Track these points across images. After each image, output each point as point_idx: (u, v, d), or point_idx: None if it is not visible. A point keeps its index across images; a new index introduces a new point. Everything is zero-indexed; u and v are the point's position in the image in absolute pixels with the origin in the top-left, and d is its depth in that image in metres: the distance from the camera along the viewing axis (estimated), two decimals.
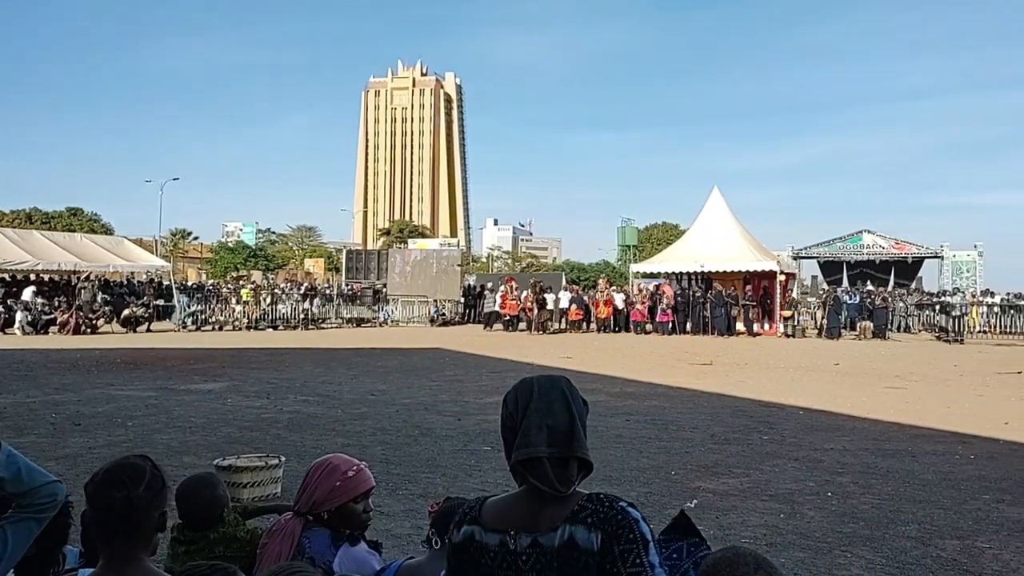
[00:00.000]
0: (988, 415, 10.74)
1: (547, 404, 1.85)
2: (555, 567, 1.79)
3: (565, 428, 1.82)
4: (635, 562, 1.75)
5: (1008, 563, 4.91)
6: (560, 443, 1.81)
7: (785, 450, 8.33)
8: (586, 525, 1.78)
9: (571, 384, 1.92)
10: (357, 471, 2.74)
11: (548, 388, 1.89)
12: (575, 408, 1.87)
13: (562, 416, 1.84)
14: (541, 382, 1.91)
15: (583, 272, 74.50)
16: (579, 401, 1.90)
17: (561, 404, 1.86)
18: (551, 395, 1.87)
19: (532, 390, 1.89)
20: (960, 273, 56.60)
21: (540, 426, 1.82)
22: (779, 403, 11.69)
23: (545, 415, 1.83)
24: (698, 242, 31.13)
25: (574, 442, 1.82)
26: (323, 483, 2.69)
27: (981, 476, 7.23)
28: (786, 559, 4.95)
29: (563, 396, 1.87)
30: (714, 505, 6.21)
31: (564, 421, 1.83)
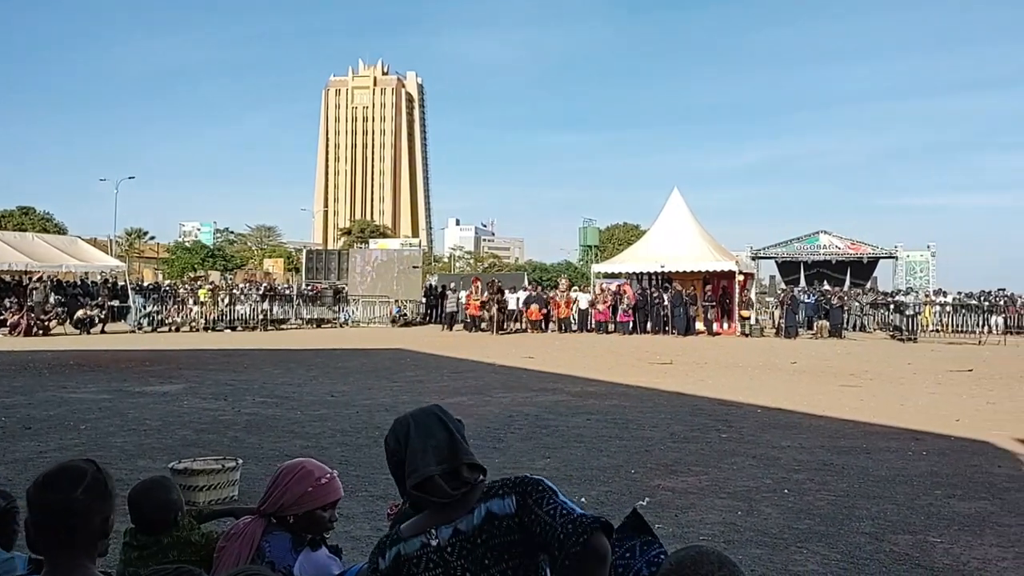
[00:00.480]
0: (940, 412, 10.97)
1: (426, 428, 1.98)
2: (480, 544, 1.91)
3: (447, 443, 1.96)
4: (549, 501, 1.89)
5: (959, 557, 5.02)
6: (446, 458, 1.94)
7: (743, 448, 8.42)
8: (499, 496, 1.93)
9: (443, 409, 2.07)
10: (330, 479, 2.71)
11: (423, 416, 2.03)
12: (451, 425, 2.00)
13: (441, 434, 1.97)
14: (415, 414, 2.06)
15: (545, 272, 74.64)
16: (454, 420, 2.04)
17: (438, 425, 1.99)
18: (427, 420, 2.01)
19: (408, 423, 2.02)
20: (914, 273, 57.79)
21: (424, 449, 1.95)
22: (737, 402, 11.82)
23: (426, 438, 1.96)
24: (658, 242, 31.37)
25: (459, 452, 1.96)
26: (294, 487, 2.65)
27: (933, 472, 7.37)
28: (744, 556, 5.00)
29: (438, 419, 2.01)
30: (673, 503, 6.26)
31: (444, 438, 1.96)
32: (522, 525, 1.88)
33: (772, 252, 56.88)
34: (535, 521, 1.87)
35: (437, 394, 12.34)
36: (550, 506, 1.88)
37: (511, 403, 11.48)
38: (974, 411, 11.16)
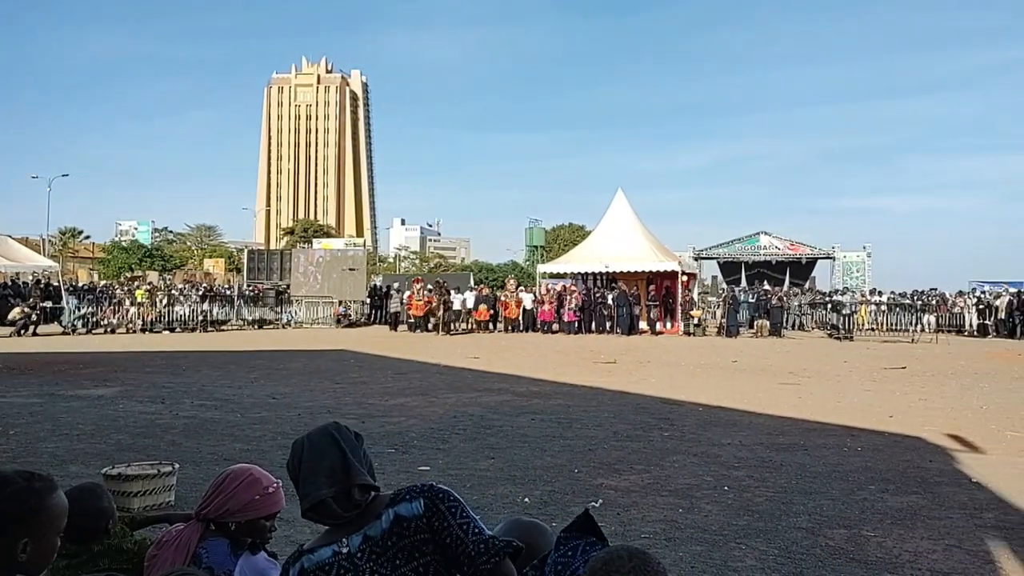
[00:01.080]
0: (875, 409, 11.26)
1: (319, 450, 1.99)
2: (391, 546, 1.96)
3: (340, 465, 1.96)
4: (462, 514, 1.99)
5: (891, 550, 5.15)
6: (339, 480, 1.95)
7: (685, 446, 8.53)
8: (407, 500, 2.00)
9: (340, 427, 2.06)
10: (276, 489, 2.66)
11: (317, 437, 2.03)
12: (345, 445, 2.01)
13: (333, 455, 1.97)
14: (311, 435, 2.05)
15: (491, 272, 74.62)
16: (350, 438, 2.05)
17: (331, 446, 1.99)
18: (321, 442, 2.01)
19: (303, 445, 2.03)
20: (850, 273, 59.22)
21: (315, 472, 1.96)
22: (680, 400, 11.98)
23: (319, 460, 1.97)
24: (603, 243, 31.64)
25: (351, 473, 1.97)
26: (242, 494, 2.59)
27: (867, 467, 7.56)
28: (684, 553, 5.06)
29: (332, 439, 2.01)
30: (616, 502, 6.30)
31: (337, 459, 1.97)
32: (431, 528, 1.98)
33: (714, 253, 57.85)
34: (446, 530, 1.97)
35: (380, 395, 12.24)
36: (463, 520, 1.99)
37: (456, 404, 11.45)
38: (907, 408, 11.48)
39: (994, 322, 31.96)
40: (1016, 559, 5.00)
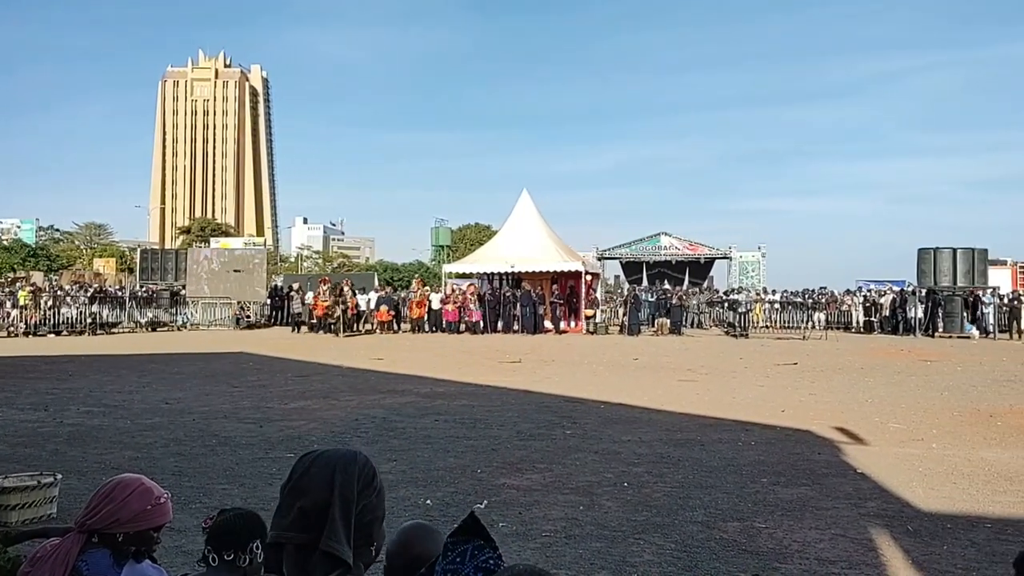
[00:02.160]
0: (768, 404, 11.66)
1: (307, 483, 1.57)
2: None
3: (318, 510, 1.54)
4: None
5: (781, 540, 5.33)
6: (308, 528, 1.53)
7: (586, 444, 8.64)
8: None
9: (352, 465, 1.59)
10: (166, 500, 2.54)
11: (320, 468, 1.59)
12: (339, 493, 1.55)
13: (320, 495, 1.55)
14: (319, 457, 1.62)
15: (397, 272, 74.01)
16: (350, 486, 1.57)
17: (323, 484, 1.56)
18: (317, 473, 1.58)
19: (308, 465, 1.61)
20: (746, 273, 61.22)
21: (291, 506, 1.56)
22: (582, 398, 12.12)
23: (301, 493, 1.56)
24: (508, 243, 31.77)
25: (326, 530, 1.52)
26: (134, 503, 2.45)
27: (760, 461, 7.82)
28: (584, 550, 5.12)
29: (329, 477, 1.57)
30: (517, 501, 6.32)
31: (320, 501, 1.54)
32: None
33: (617, 253, 58.87)
34: None
35: (280, 399, 11.95)
36: None
37: (358, 406, 11.28)
38: (798, 402, 11.93)
39: (879, 319, 33.59)
40: (896, 545, 5.25)
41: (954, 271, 30.14)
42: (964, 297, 29.89)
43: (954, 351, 22.47)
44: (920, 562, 4.93)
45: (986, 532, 5.55)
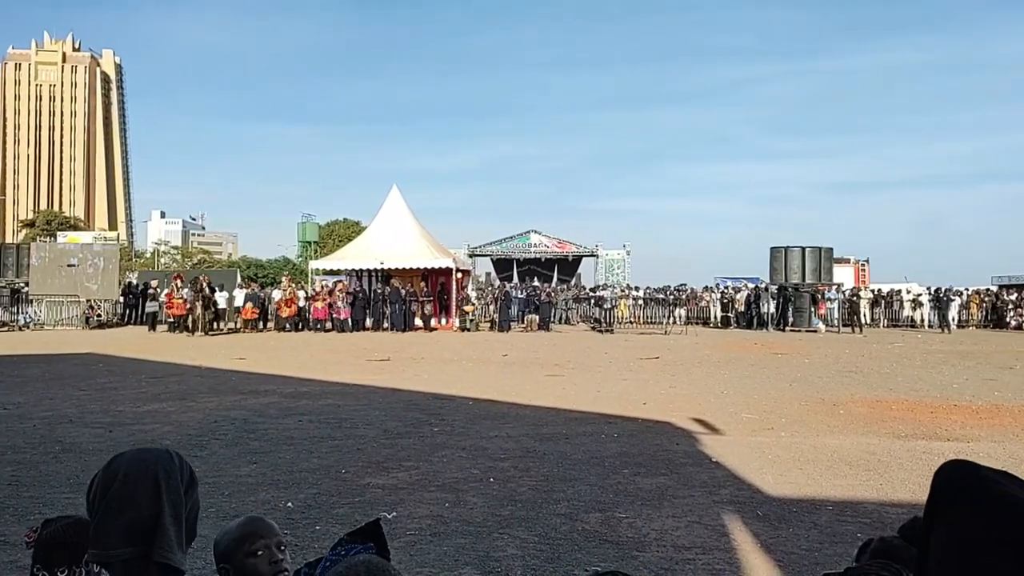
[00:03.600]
0: (631, 397, 12.00)
1: (132, 491, 1.47)
2: None
3: (149, 523, 1.46)
4: None
5: (640, 529, 5.48)
6: (139, 541, 1.45)
7: (454, 440, 8.62)
8: None
9: (172, 463, 1.52)
10: None
11: (137, 473, 1.49)
12: (167, 497, 1.48)
13: (147, 507, 1.47)
14: (131, 464, 1.51)
15: (262, 269, 71.71)
16: (176, 485, 1.51)
17: (150, 492, 1.47)
18: (137, 481, 1.48)
19: (117, 475, 1.49)
20: (612, 270, 62.83)
21: (116, 521, 1.46)
22: (451, 395, 12.10)
23: (124, 507, 1.46)
24: (378, 239, 31.36)
25: (156, 540, 1.45)
26: None
27: (622, 453, 8.02)
28: (448, 547, 5.09)
29: (155, 482, 1.49)
30: (383, 500, 6.23)
31: (148, 514, 1.46)
32: None
33: (488, 250, 59.26)
34: None
35: (132, 401, 11.34)
36: None
37: (217, 407, 10.85)
38: (659, 395, 12.33)
39: (735, 315, 35.25)
40: (746, 530, 5.49)
41: (803, 269, 31.97)
42: (812, 293, 31.75)
43: (802, 344, 23.85)
44: (768, 545, 5.17)
45: (828, 514, 5.89)
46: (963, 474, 1.21)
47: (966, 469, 1.21)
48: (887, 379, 14.65)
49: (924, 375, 15.32)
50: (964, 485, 1.20)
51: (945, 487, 1.21)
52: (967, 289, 37.08)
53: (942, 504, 1.21)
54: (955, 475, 1.22)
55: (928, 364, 17.66)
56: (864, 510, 6.02)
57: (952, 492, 1.20)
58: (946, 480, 1.22)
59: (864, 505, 6.17)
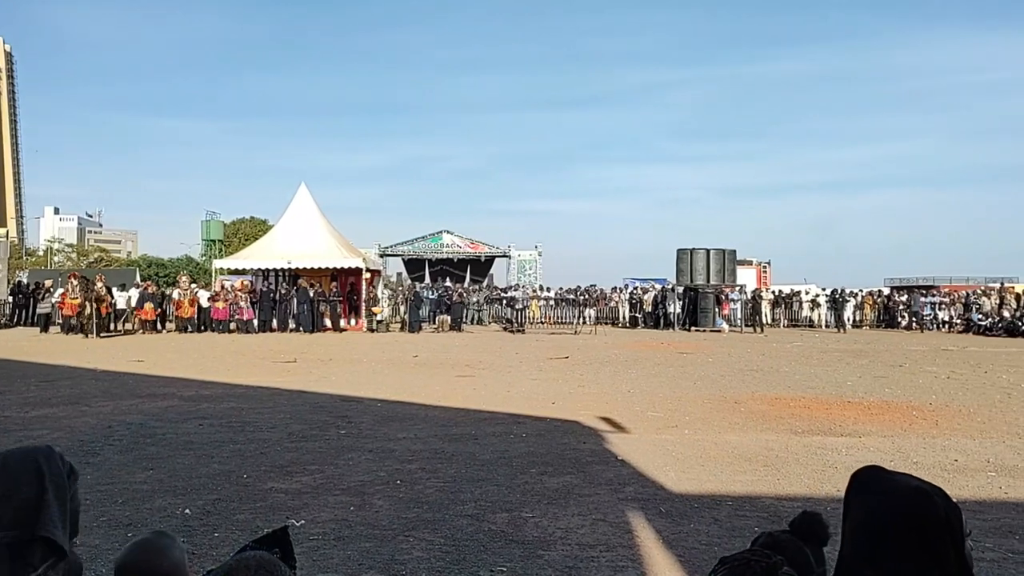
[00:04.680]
0: (540, 397, 12.07)
1: (13, 478, 1.54)
2: None
3: (33, 504, 1.52)
4: None
5: (546, 529, 5.51)
6: (21, 521, 1.50)
7: (361, 443, 8.50)
8: None
9: (54, 455, 1.60)
10: None
11: (17, 461, 1.57)
12: (49, 482, 1.55)
13: (30, 489, 1.53)
14: (10, 455, 1.59)
15: (163, 268, 69.32)
16: (60, 474, 1.58)
17: (31, 477, 1.54)
18: (19, 467, 1.56)
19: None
20: (524, 271, 63.15)
21: (2, 506, 1.51)
22: (359, 397, 11.94)
23: (9, 490, 1.52)
24: (286, 238, 30.71)
25: (40, 518, 1.51)
26: None
27: (530, 452, 8.06)
28: (352, 551, 5.01)
29: (36, 469, 1.56)
30: (285, 505, 6.09)
31: (32, 495, 1.52)
32: None
33: (399, 250, 58.78)
34: None
35: (19, 407, 10.78)
36: None
37: (112, 412, 10.41)
38: (567, 394, 12.45)
39: (643, 315, 35.94)
40: (649, 527, 5.59)
41: (708, 270, 32.85)
42: (716, 294, 32.65)
43: (707, 344, 24.50)
44: (669, 541, 5.27)
45: (727, 509, 6.05)
46: (872, 471, 1.53)
47: (875, 469, 1.54)
48: (786, 377, 15.18)
49: (820, 373, 15.93)
50: (871, 477, 1.51)
51: (857, 483, 1.52)
52: (861, 291, 38.74)
53: (853, 496, 1.51)
54: (866, 473, 1.54)
55: (824, 363, 18.38)
56: (762, 504, 6.21)
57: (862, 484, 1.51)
58: (859, 477, 1.53)
59: (762, 500, 6.36)
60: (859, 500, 1.51)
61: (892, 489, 1.47)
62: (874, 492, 1.49)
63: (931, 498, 1.44)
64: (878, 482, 1.50)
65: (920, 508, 1.43)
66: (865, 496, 1.50)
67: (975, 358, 19.98)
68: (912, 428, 9.68)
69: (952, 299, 38.24)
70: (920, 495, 1.44)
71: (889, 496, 1.46)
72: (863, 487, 1.52)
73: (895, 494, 1.45)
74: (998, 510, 6.10)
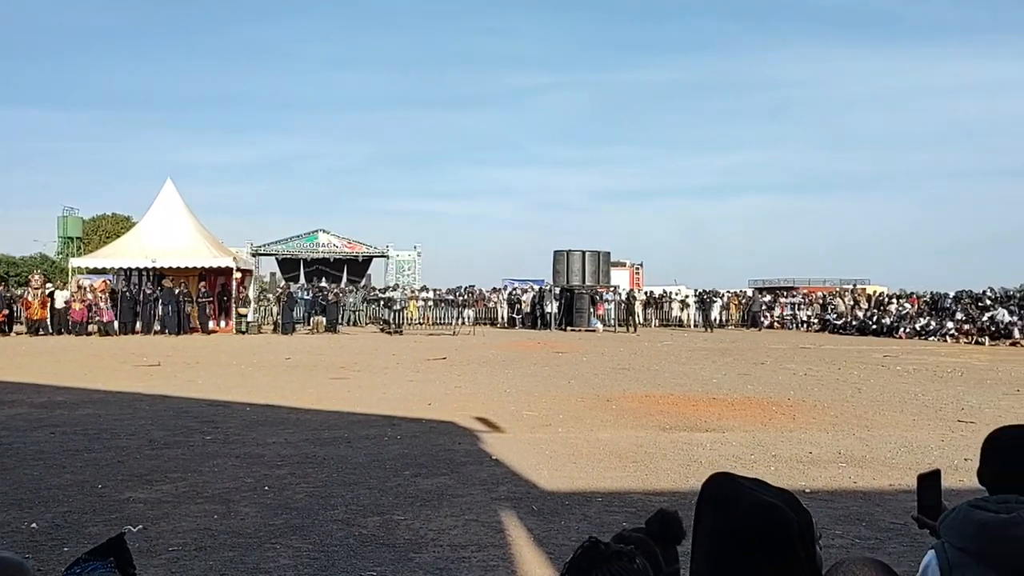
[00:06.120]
0: (416, 398, 11.98)
1: None
2: None
3: None
4: None
5: (418, 531, 5.46)
6: None
7: (227, 448, 8.20)
8: None
9: None
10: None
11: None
12: None
13: None
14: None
15: (14, 266, 64.90)
16: None
17: None
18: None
19: None
20: (403, 271, 62.64)
21: None
22: (227, 401, 11.52)
23: None
24: (150, 236, 29.33)
25: None
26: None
27: (404, 454, 7.98)
28: (215, 560, 4.82)
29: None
30: (144, 515, 5.79)
31: None
32: None
33: (273, 249, 57.22)
34: None
35: None
36: None
37: None
38: (444, 395, 12.41)
39: (521, 315, 36.32)
40: (521, 525, 5.63)
41: (583, 271, 33.54)
42: (591, 295, 33.37)
43: (582, 343, 25.00)
44: (540, 538, 5.33)
45: (597, 506, 6.17)
46: (723, 483, 1.53)
47: (726, 480, 1.54)
48: (656, 375, 15.66)
49: (688, 371, 16.53)
50: (724, 492, 1.51)
51: (708, 495, 1.53)
52: (727, 292, 40.48)
53: (705, 508, 1.52)
54: (717, 485, 1.54)
55: (692, 361, 19.08)
56: (631, 500, 6.36)
57: (713, 497, 1.52)
58: (710, 489, 1.54)
59: (631, 495, 6.52)
60: (712, 517, 1.50)
61: (745, 505, 1.47)
62: (727, 509, 1.49)
63: (784, 512, 1.46)
64: (731, 498, 1.50)
65: (773, 524, 1.45)
66: (717, 513, 1.50)
67: (830, 355, 21.22)
68: (772, 423, 10.16)
69: (810, 300, 40.52)
70: (773, 510, 1.46)
71: (742, 513, 1.46)
72: (716, 503, 1.52)
73: (748, 510, 1.46)
74: (847, 499, 6.47)
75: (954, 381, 15.17)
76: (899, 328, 31.74)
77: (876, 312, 35.38)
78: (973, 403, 12.01)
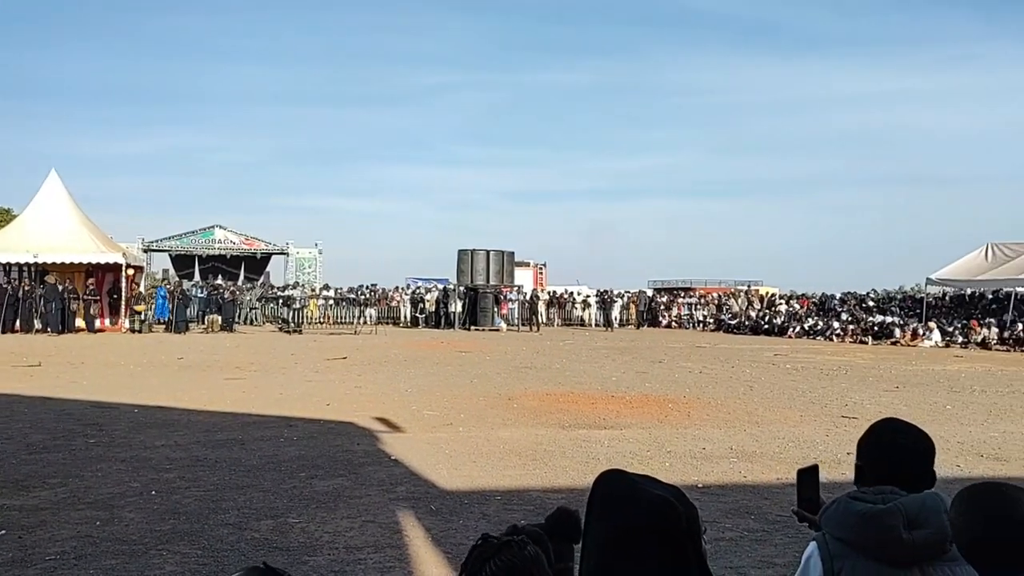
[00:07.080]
0: (315, 398, 11.74)
1: None
2: None
3: None
4: None
5: (313, 534, 5.35)
6: None
7: (112, 452, 7.85)
8: None
9: None
10: None
11: None
12: None
13: None
14: None
15: None
16: None
17: None
18: None
19: None
20: (303, 269, 61.38)
21: None
22: (113, 402, 11.03)
23: None
24: (32, 230, 27.77)
25: None
26: None
27: (301, 456, 7.81)
28: (96, 569, 4.60)
29: None
30: (19, 523, 5.48)
31: None
32: None
33: (166, 245, 55.14)
34: None
35: None
36: None
37: None
38: (344, 395, 12.21)
39: (425, 314, 36.11)
40: (419, 525, 5.58)
41: (487, 271, 33.59)
42: (495, 294, 33.47)
43: (486, 342, 25.05)
44: (438, 538, 5.30)
45: (496, 504, 6.18)
46: (616, 480, 1.56)
47: (619, 476, 1.57)
48: (557, 374, 15.83)
49: (589, 369, 16.77)
50: (615, 487, 1.54)
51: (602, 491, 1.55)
52: (627, 292, 41.27)
53: (597, 504, 1.54)
54: (610, 481, 1.56)
55: (593, 359, 19.37)
56: (530, 497, 6.40)
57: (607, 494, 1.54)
58: (603, 485, 1.56)
59: (530, 493, 6.56)
60: (606, 513, 1.53)
61: (641, 501, 1.51)
62: (621, 505, 1.52)
63: (673, 507, 1.50)
64: (625, 494, 1.53)
65: (663, 517, 1.48)
66: (611, 509, 1.53)
67: (724, 354, 21.91)
68: (668, 420, 10.41)
69: (706, 300, 41.75)
70: (667, 505, 1.50)
71: (639, 509, 1.49)
72: (610, 500, 1.55)
73: (644, 506, 1.49)
74: (737, 493, 6.68)
75: (839, 379, 15.90)
76: (789, 328, 33.05)
77: (768, 312, 36.77)
78: (856, 399, 12.61)
